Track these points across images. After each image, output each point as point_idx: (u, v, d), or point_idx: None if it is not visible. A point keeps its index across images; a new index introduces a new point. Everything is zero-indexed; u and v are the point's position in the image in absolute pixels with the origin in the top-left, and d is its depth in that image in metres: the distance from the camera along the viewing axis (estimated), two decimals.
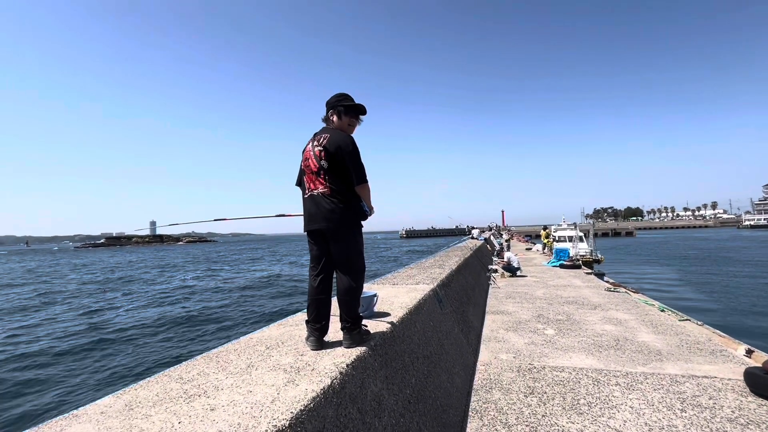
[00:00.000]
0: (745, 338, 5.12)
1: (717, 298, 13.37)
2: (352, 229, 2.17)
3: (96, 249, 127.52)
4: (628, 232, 77.57)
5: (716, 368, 3.56)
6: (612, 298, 7.03)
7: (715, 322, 7.20)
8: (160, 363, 8.10)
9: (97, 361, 8.47)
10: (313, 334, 2.13)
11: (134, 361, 8.38)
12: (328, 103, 2.30)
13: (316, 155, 2.14)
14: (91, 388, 6.92)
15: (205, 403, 1.46)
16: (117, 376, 7.53)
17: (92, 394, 6.53)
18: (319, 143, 2.15)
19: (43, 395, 6.68)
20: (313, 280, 2.19)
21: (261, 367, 1.84)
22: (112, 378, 7.47)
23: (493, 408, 2.94)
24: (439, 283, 4.49)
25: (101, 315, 13.32)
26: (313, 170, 2.15)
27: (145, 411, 1.43)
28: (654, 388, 3.17)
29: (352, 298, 2.16)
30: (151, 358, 8.47)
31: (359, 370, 1.89)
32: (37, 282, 25.72)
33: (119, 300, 16.58)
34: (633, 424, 2.63)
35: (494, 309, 6.40)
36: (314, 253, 2.21)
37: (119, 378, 7.42)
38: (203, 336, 10.33)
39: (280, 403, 1.43)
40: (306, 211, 2.21)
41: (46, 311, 14.49)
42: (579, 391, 3.17)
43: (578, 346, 4.29)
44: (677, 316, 5.64)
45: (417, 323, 3.02)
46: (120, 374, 7.63)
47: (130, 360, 8.45)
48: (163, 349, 9.25)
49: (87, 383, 7.20)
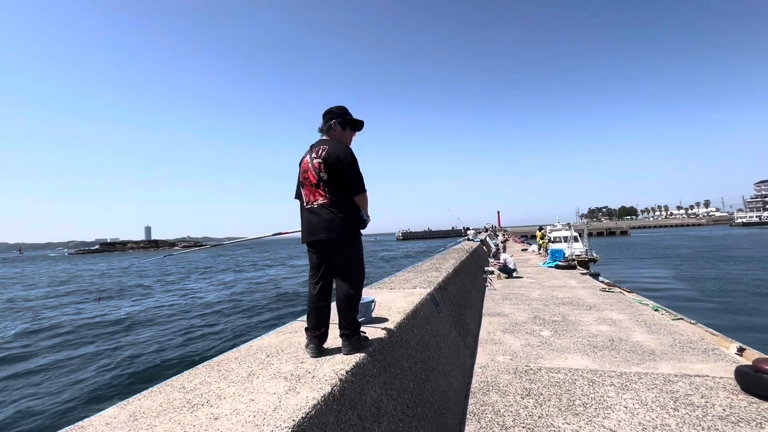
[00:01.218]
0: (738, 335, 5.21)
1: (710, 295, 13.55)
2: (353, 238, 2.21)
3: (93, 255, 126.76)
4: (622, 231, 78.23)
5: (708, 367, 3.63)
6: (607, 299, 7.11)
7: (709, 320, 7.31)
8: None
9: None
10: (312, 341, 2.16)
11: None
12: (330, 113, 2.32)
13: (315, 167, 2.17)
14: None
15: (208, 413, 1.49)
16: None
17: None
18: (318, 155, 2.19)
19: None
20: (312, 289, 2.23)
21: (262, 375, 1.88)
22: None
23: (490, 410, 2.99)
24: (435, 286, 4.53)
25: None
26: (313, 182, 2.18)
27: (150, 421, 1.46)
28: (648, 388, 3.23)
29: (351, 305, 2.19)
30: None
31: (358, 376, 1.92)
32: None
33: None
34: (627, 423, 2.69)
35: (491, 311, 6.46)
36: (314, 262, 2.24)
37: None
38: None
39: (282, 410, 1.47)
40: (305, 222, 2.23)
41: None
42: (574, 392, 3.23)
43: (574, 347, 4.35)
44: (670, 315, 5.73)
45: (414, 328, 3.06)
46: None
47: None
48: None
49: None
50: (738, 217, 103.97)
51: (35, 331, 12.16)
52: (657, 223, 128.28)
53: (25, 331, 12.20)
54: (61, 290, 24.36)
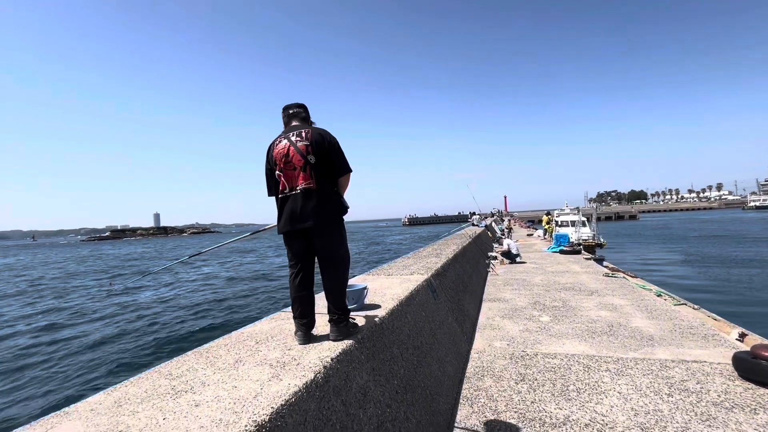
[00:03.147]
0: (743, 320, 5.15)
1: (718, 280, 13.39)
2: (337, 223, 2.19)
3: (102, 242, 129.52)
4: (631, 216, 77.18)
5: (707, 353, 3.60)
6: (609, 284, 7.06)
7: (715, 305, 7.23)
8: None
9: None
10: (300, 329, 2.17)
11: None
12: (300, 105, 2.35)
13: (301, 150, 2.10)
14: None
15: (190, 399, 1.51)
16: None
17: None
18: (303, 138, 2.13)
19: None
20: (294, 278, 2.20)
21: (248, 362, 1.89)
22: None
23: (483, 395, 3.01)
24: (433, 273, 4.53)
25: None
26: (297, 166, 2.11)
27: (133, 408, 1.48)
28: (643, 374, 3.21)
29: (338, 290, 2.19)
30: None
31: (344, 363, 1.93)
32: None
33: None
34: (619, 409, 2.69)
35: (491, 296, 6.46)
36: (294, 250, 2.19)
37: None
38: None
39: (263, 398, 1.48)
40: (288, 210, 2.13)
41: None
42: (569, 377, 3.23)
43: (572, 333, 4.34)
44: (673, 301, 5.67)
45: (408, 314, 3.06)
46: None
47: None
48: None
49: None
50: (751, 200, 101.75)
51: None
52: (667, 207, 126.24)
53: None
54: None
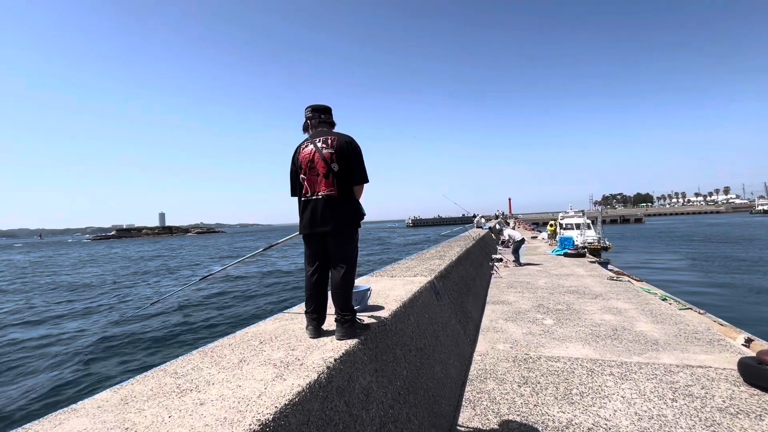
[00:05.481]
0: (750, 326, 5.10)
1: (725, 284, 13.25)
2: (354, 228, 2.27)
3: (110, 240, 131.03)
4: (637, 219, 76.51)
5: (712, 358, 3.58)
6: (613, 288, 7.02)
7: (722, 311, 7.16)
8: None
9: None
10: (311, 323, 2.27)
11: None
12: (326, 108, 2.37)
13: (326, 158, 2.17)
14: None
15: (195, 398, 1.53)
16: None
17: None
18: (329, 145, 2.19)
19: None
20: (311, 275, 2.30)
21: (252, 362, 1.91)
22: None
23: (486, 398, 3.01)
24: (437, 275, 4.53)
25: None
26: (320, 172, 2.18)
27: (139, 405, 1.50)
28: (647, 378, 3.20)
29: (346, 291, 2.24)
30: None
31: (347, 364, 1.94)
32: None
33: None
34: (623, 413, 2.68)
35: (495, 299, 6.45)
36: (313, 249, 2.29)
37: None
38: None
39: (266, 397, 1.49)
40: (309, 213, 2.21)
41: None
42: (572, 381, 3.22)
43: (575, 336, 4.33)
44: (679, 305, 5.63)
45: (411, 316, 3.07)
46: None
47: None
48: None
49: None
50: (759, 204, 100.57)
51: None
52: (673, 210, 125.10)
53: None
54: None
